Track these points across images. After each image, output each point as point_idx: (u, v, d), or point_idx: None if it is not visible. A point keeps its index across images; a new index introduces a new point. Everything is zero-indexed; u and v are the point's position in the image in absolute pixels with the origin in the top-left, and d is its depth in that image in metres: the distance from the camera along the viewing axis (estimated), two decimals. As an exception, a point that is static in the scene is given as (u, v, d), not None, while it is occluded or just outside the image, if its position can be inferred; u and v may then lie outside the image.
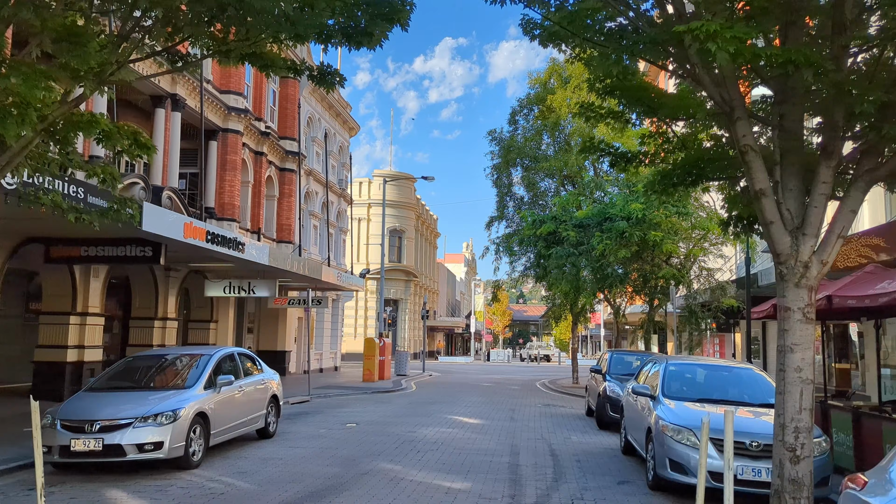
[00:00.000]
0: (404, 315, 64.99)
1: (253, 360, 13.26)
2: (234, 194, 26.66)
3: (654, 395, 10.51)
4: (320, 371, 37.62)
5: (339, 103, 40.29)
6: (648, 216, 21.38)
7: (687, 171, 8.31)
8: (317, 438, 13.31)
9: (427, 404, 20.76)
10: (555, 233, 24.03)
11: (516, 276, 31.22)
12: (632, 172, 9.46)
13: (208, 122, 25.58)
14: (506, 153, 31.08)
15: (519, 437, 14.16)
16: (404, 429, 14.82)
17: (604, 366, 17.81)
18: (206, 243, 17.26)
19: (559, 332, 70.94)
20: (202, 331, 25.89)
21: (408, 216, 67.81)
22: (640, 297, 28.01)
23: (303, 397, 22.09)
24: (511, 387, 30.33)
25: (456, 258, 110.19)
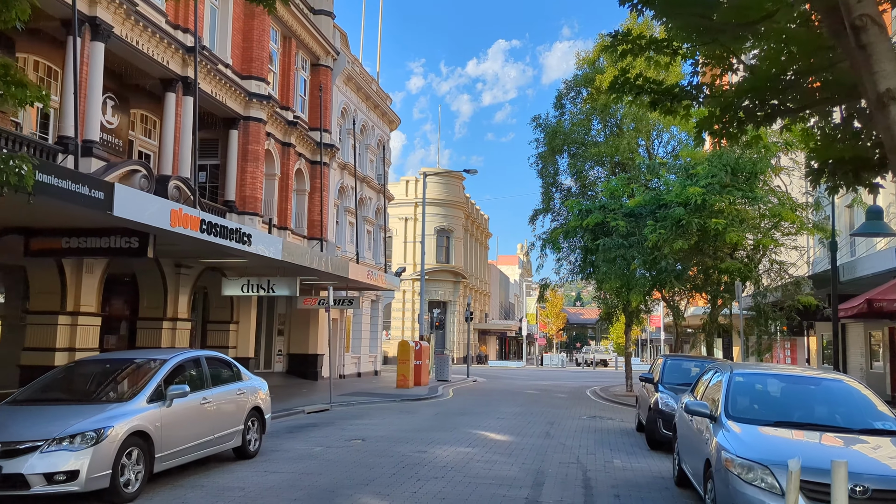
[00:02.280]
0: (453, 317, 62.78)
1: (230, 367, 11.22)
2: (256, 187, 24.90)
3: (714, 414, 8.00)
4: (358, 376, 35.73)
5: (378, 94, 38.39)
6: (709, 202, 18.64)
7: (758, 98, 5.82)
8: (305, 459, 11.18)
9: (455, 415, 18.47)
10: (603, 223, 21.46)
11: (564, 273, 28.60)
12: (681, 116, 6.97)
13: (227, 110, 23.90)
14: (551, 139, 28.56)
15: (549, 460, 11.74)
16: (415, 448, 12.57)
17: (656, 373, 15.21)
18: (201, 234, 15.38)
19: (616, 335, 67.66)
20: (221, 332, 24.18)
21: (456, 215, 65.62)
22: (701, 296, 25.14)
23: (322, 406, 20.09)
24: (558, 395, 27.77)
25: (510, 260, 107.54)
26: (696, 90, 6.67)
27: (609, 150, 26.46)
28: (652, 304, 33.27)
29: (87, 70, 17.27)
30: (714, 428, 7.77)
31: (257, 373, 28.56)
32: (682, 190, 19.29)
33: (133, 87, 21.26)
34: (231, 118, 24.40)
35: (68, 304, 16.60)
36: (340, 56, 32.35)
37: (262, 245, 18.28)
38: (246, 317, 24.94)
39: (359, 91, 35.67)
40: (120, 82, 20.76)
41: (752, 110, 6.05)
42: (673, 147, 28.43)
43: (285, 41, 28.38)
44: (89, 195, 11.86)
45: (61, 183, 11.18)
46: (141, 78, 20.93)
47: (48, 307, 16.42)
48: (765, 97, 5.90)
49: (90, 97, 17.38)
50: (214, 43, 23.51)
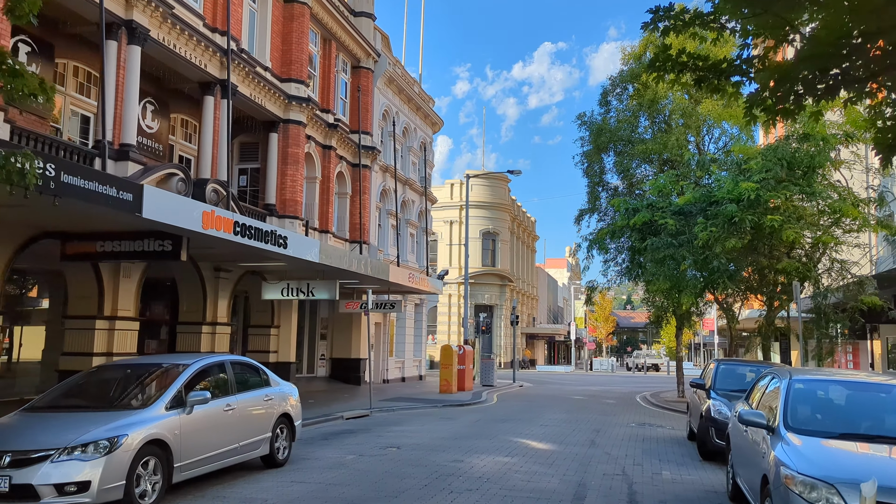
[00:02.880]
0: (499, 321, 62.06)
1: (257, 372, 10.83)
2: (296, 190, 24.69)
3: (771, 425, 7.25)
4: (402, 380, 35.35)
5: (420, 96, 38.05)
6: (763, 197, 17.64)
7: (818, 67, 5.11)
8: (335, 469, 10.72)
9: (497, 422, 17.85)
10: (651, 222, 20.57)
11: (612, 275, 27.68)
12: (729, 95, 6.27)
13: (267, 113, 23.77)
14: (596, 137, 27.69)
15: (593, 471, 11.05)
16: (451, 456, 12.01)
17: (708, 379, 14.36)
18: (235, 236, 15.14)
19: (667, 338, 66.01)
20: (262, 337, 24.02)
21: (501, 218, 64.95)
22: (756, 298, 24.01)
23: (362, 411, 19.70)
24: (606, 400, 26.89)
25: (558, 263, 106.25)
26: (747, 64, 5.98)
27: (657, 147, 25.50)
28: (704, 307, 32.12)
29: (123, 74, 17.22)
30: (772, 440, 7.03)
31: (300, 378, 28.47)
32: (735, 186, 18.31)
33: (172, 91, 21.26)
34: (271, 121, 24.27)
35: (106, 309, 16.52)
36: (381, 58, 32.08)
37: (299, 248, 17.99)
38: (287, 321, 24.75)
39: (400, 93, 35.36)
40: (159, 86, 20.77)
41: (812, 81, 5.34)
42: (724, 143, 27.33)
43: (325, 43, 28.21)
44: (117, 197, 11.66)
45: (87, 184, 10.98)
46: (180, 82, 20.90)
47: (86, 312, 16.37)
48: (826, 66, 5.18)
49: (127, 101, 17.32)
50: (253, 46, 23.40)
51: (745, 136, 26.37)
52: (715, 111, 25.45)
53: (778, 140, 19.75)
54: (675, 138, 25.16)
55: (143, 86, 19.89)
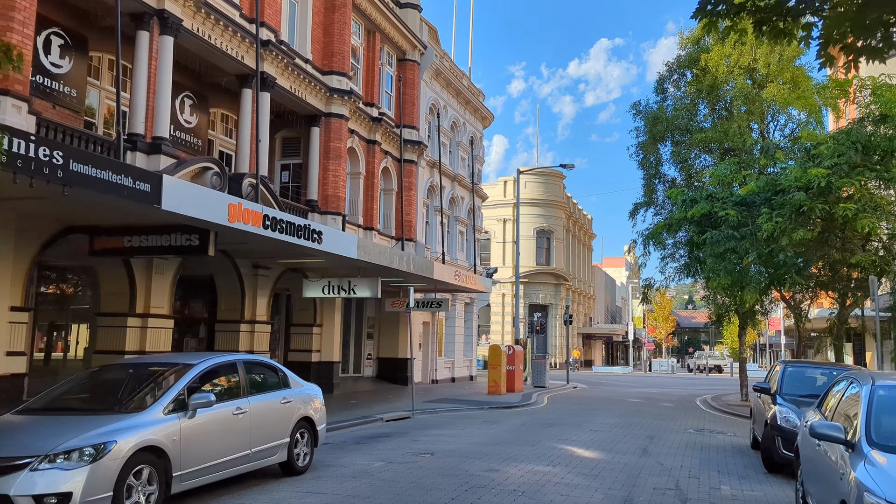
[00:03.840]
0: (554, 321, 60.68)
1: (275, 372, 10.09)
2: (338, 185, 24.08)
3: (851, 440, 6.08)
4: (452, 381, 34.52)
5: (469, 90, 37.14)
6: (835, 184, 16.13)
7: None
8: (358, 478, 9.90)
9: (543, 427, 16.80)
10: (710, 214, 19.18)
11: (670, 272, 26.19)
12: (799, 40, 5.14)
13: (308, 107, 23.22)
14: (652, 127, 26.27)
15: (642, 484, 9.95)
16: (486, 465, 11.06)
17: (774, 382, 13.03)
18: (265, 230, 14.50)
19: (730, 339, 63.47)
20: (304, 336, 23.50)
21: (556, 215, 63.53)
22: (826, 295, 22.31)
23: (403, 413, 18.91)
24: (664, 404, 25.48)
25: (616, 262, 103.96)
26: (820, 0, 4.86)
27: (717, 135, 23.97)
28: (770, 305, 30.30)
29: (155, 65, 16.80)
30: (852, 458, 5.88)
31: (345, 378, 27.90)
32: (803, 173, 16.83)
33: (211, 85, 20.87)
34: (312, 115, 23.72)
35: (138, 306, 16.13)
36: (428, 50, 31.29)
37: (336, 243, 17.29)
38: (330, 320, 24.16)
39: (448, 86, 34.52)
40: (198, 80, 20.41)
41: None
42: (791, 130, 25.57)
43: (369, 35, 27.56)
44: (133, 187, 11.10)
45: (99, 174, 10.44)
46: (218, 75, 20.47)
47: (118, 309, 16.00)
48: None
49: (159, 93, 16.89)
50: (294, 37, 22.87)
51: (814, 122, 24.60)
52: (781, 96, 23.79)
53: (850, 123, 18.14)
54: (737, 125, 23.61)
55: (180, 79, 19.58)
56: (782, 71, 24.61)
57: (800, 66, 25.52)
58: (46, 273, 16.87)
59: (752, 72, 25.46)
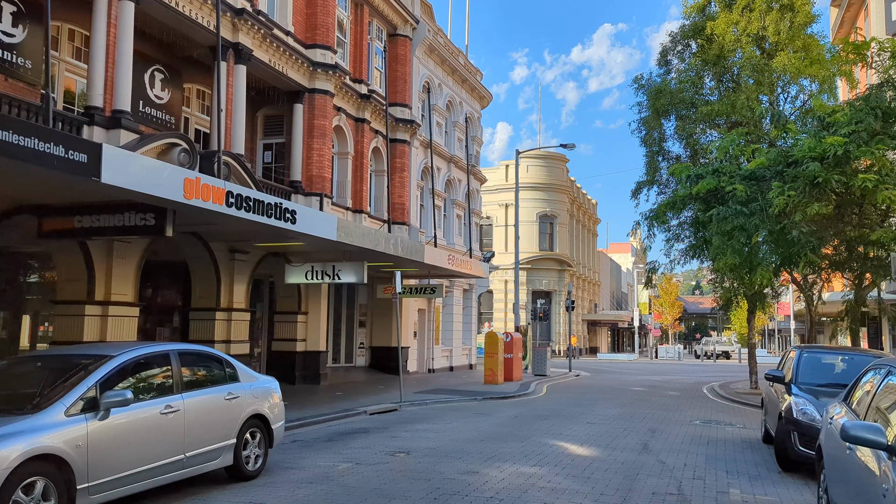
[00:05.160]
0: (558, 308, 59.38)
1: (220, 365, 8.87)
2: (323, 165, 22.81)
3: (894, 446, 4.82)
4: (450, 370, 33.35)
5: (466, 68, 35.73)
6: (853, 153, 14.77)
7: None
8: (317, 483, 8.70)
9: (537, 419, 15.57)
10: (717, 190, 17.81)
11: (674, 254, 24.78)
12: None
13: (290, 82, 21.94)
14: (655, 100, 24.82)
15: (639, 488, 8.72)
16: (465, 466, 9.85)
17: (788, 370, 11.75)
18: (229, 208, 13.24)
19: (738, 324, 62.08)
20: (289, 324, 22.30)
21: (559, 199, 62.11)
22: (839, 277, 20.99)
23: (390, 406, 17.73)
24: (668, 392, 24.23)
25: (622, 248, 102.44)
26: None
27: (724, 108, 22.53)
28: (780, 288, 28.95)
29: (115, 32, 15.56)
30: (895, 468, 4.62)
31: (336, 367, 26.71)
32: (818, 142, 15.45)
33: (184, 58, 19.61)
34: (295, 91, 22.44)
35: (97, 293, 14.93)
36: (420, 25, 29.90)
37: (313, 224, 15.99)
38: (316, 307, 22.95)
39: (443, 64, 33.13)
40: (170, 53, 19.15)
41: None
42: (802, 102, 24.12)
43: (356, 9, 26.20)
44: (66, 157, 9.85)
45: (21, 140, 9.20)
46: (190, 47, 19.20)
47: (75, 296, 14.81)
48: None
49: (119, 63, 15.64)
50: (273, 8, 21.56)
51: (827, 94, 23.13)
52: (792, 65, 22.33)
53: (870, 88, 16.75)
54: (745, 97, 22.18)
55: (150, 52, 18.35)
56: (793, 39, 23.14)
57: (811, 35, 24.04)
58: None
59: (761, 40, 23.99)
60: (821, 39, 24.13)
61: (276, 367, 22.17)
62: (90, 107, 15.14)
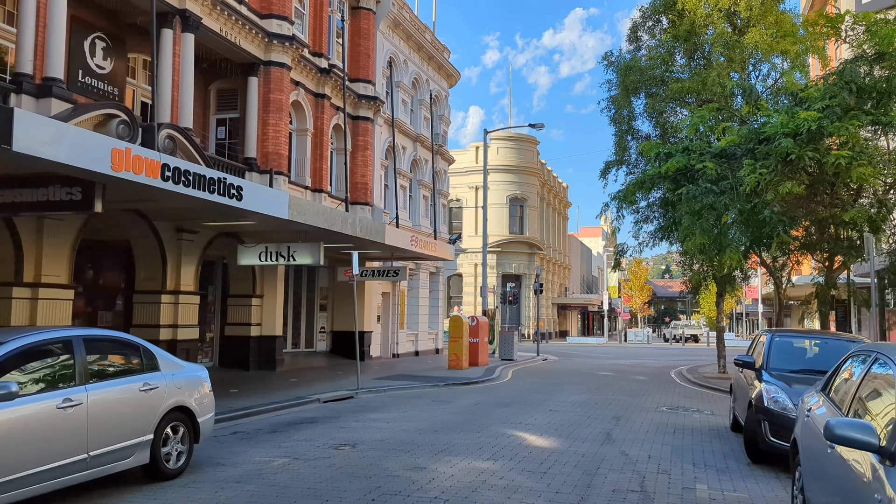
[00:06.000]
0: (527, 292, 58.83)
1: (136, 351, 7.97)
2: (280, 142, 21.78)
3: (889, 447, 4.10)
4: (416, 354, 32.59)
5: (433, 45, 34.70)
6: (827, 129, 14.17)
7: None
8: (245, 482, 7.87)
9: (497, 407, 14.86)
10: (687, 169, 17.17)
11: (643, 236, 24.15)
12: None
13: (244, 54, 20.84)
14: (624, 77, 24.09)
15: (599, 484, 8.01)
16: (413, 460, 9.07)
17: (758, 355, 11.14)
18: (164, 182, 12.24)
19: (707, 307, 62.17)
20: (243, 308, 21.31)
21: (530, 182, 61.47)
22: (812, 258, 20.53)
23: (345, 393, 16.90)
24: (636, 377, 23.72)
25: (593, 232, 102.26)
26: None
27: (694, 85, 21.87)
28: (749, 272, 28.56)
29: (45, -7, 14.38)
30: (891, 474, 3.91)
31: (296, 353, 25.77)
32: (791, 118, 14.84)
33: (129, 26, 18.40)
34: (249, 64, 21.34)
35: (26, 275, 13.87)
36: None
37: (261, 201, 15.00)
38: (272, 290, 21.98)
39: (409, 39, 32.08)
40: (112, 20, 17.96)
41: None
42: (774, 81, 23.56)
43: (316, -22, 25.06)
44: (-35, 121, 8.84)
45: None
46: (133, 14, 18.00)
47: (1, 278, 13.73)
48: None
49: (51, 26, 14.51)
50: (224, -25, 20.37)
51: (799, 73, 22.57)
52: (764, 42, 21.72)
53: (844, 63, 16.16)
54: (717, 73, 21.55)
55: (90, 18, 17.18)
56: (765, 14, 22.53)
57: (783, 11, 23.47)
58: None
59: (733, 16, 23.35)
60: (793, 16, 23.57)
61: (230, 352, 21.24)
62: (19, 73, 14.04)
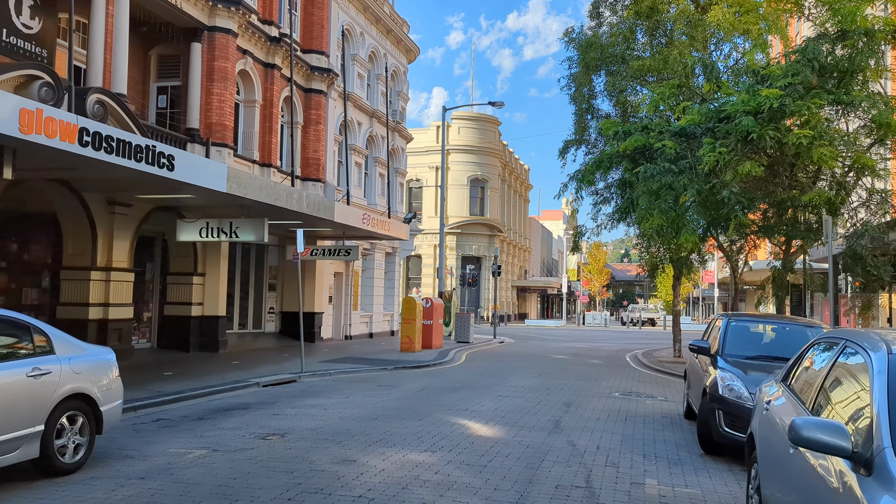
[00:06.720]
0: (487, 274, 58.32)
1: (26, 332, 7.07)
2: (224, 112, 20.72)
3: (865, 454, 3.48)
4: (370, 336, 31.84)
5: (391, 18, 33.64)
6: (789, 107, 13.71)
7: None
8: (150, 478, 7.07)
9: (445, 392, 14.22)
10: (646, 148, 16.65)
11: (602, 218, 23.67)
12: None
13: (187, 18, 19.70)
14: (585, 54, 23.47)
15: (542, 479, 7.40)
16: (343, 452, 8.36)
17: (714, 341, 10.64)
18: (83, 148, 11.25)
19: (664, 291, 62.52)
20: (183, 286, 20.29)
21: (491, 164, 60.82)
22: (769, 241, 20.26)
23: (287, 376, 16.09)
24: (591, 360, 23.33)
25: (555, 215, 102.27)
26: None
27: (655, 63, 21.33)
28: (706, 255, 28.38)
29: (-46, -60, 13.13)
30: (865, 485, 3.30)
31: (244, 334, 24.75)
32: (752, 96, 14.36)
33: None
34: (193, 29, 20.22)
35: (-67, 247, 12.77)
36: (339, -34, 27.71)
37: (195, 171, 14.05)
38: (215, 268, 20.98)
39: (366, 11, 31.01)
40: (40, -23, 16.67)
41: None
42: (735, 61, 23.16)
43: (266, -59, 23.85)
44: None
45: None
46: (62, -30, 16.77)
47: None
48: None
49: (-38, -23, 13.27)
50: (164, -68, 19.14)
51: (761, 54, 22.17)
52: (726, 21, 21.23)
53: (807, 40, 15.73)
54: (678, 52, 21.02)
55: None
56: (728, -9, 22.06)
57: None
58: None
59: None
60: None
61: (169, 333, 20.24)
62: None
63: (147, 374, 15.09)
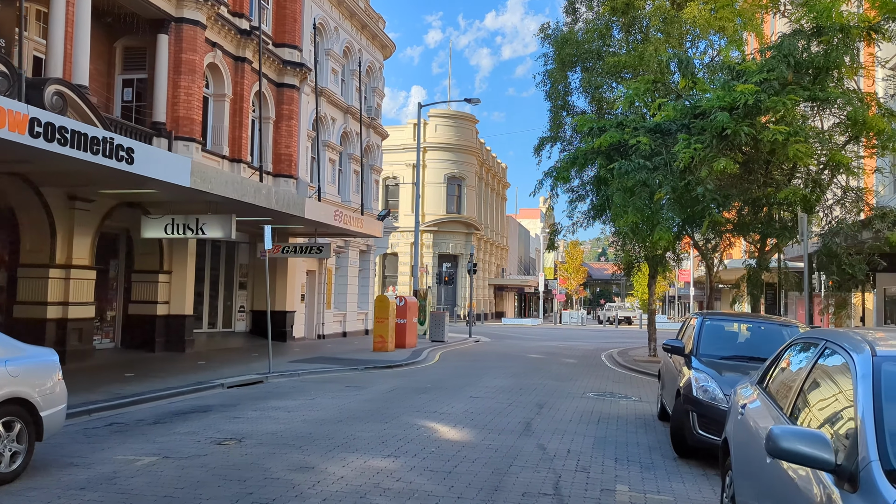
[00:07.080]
0: (464, 272, 58.05)
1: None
2: (192, 106, 20.17)
3: (849, 467, 3.18)
4: (343, 335, 31.36)
5: (366, 13, 33.17)
6: (764, 103, 13.51)
7: None
8: (90, 489, 6.64)
9: (416, 393, 13.85)
10: (621, 144, 16.39)
11: (577, 216, 23.46)
12: None
13: (153, 9, 19.13)
14: (560, 50, 23.22)
15: (510, 486, 7.07)
16: (303, 459, 7.97)
17: (688, 340, 10.38)
18: (35, 139, 10.74)
19: (640, 290, 62.61)
20: (149, 284, 19.69)
21: (468, 161, 60.52)
22: (744, 240, 20.12)
23: (255, 377, 15.63)
24: (565, 360, 23.08)
25: (532, 213, 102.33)
26: None
27: (631, 59, 21.08)
28: (682, 254, 28.26)
29: None
30: (853, 502, 2.99)
31: (213, 333, 24.18)
32: (728, 91, 14.14)
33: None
34: (159, 20, 19.66)
35: None
36: (312, -42, 27.21)
37: (157, 165, 13.56)
38: (181, 265, 20.42)
39: (340, 5, 30.52)
40: (-4, -37, 16.07)
41: None
42: (710, 58, 23.04)
43: (236, -68, 23.31)
44: None
45: None
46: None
47: None
48: None
49: None
50: (128, -81, 18.58)
51: (737, 51, 22.06)
52: (702, 18, 21.08)
53: (782, 36, 15.56)
54: (654, 48, 20.82)
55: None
56: (704, -12, 21.90)
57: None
58: None
59: None
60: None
61: (134, 333, 19.66)
62: None
63: (107, 375, 14.57)
